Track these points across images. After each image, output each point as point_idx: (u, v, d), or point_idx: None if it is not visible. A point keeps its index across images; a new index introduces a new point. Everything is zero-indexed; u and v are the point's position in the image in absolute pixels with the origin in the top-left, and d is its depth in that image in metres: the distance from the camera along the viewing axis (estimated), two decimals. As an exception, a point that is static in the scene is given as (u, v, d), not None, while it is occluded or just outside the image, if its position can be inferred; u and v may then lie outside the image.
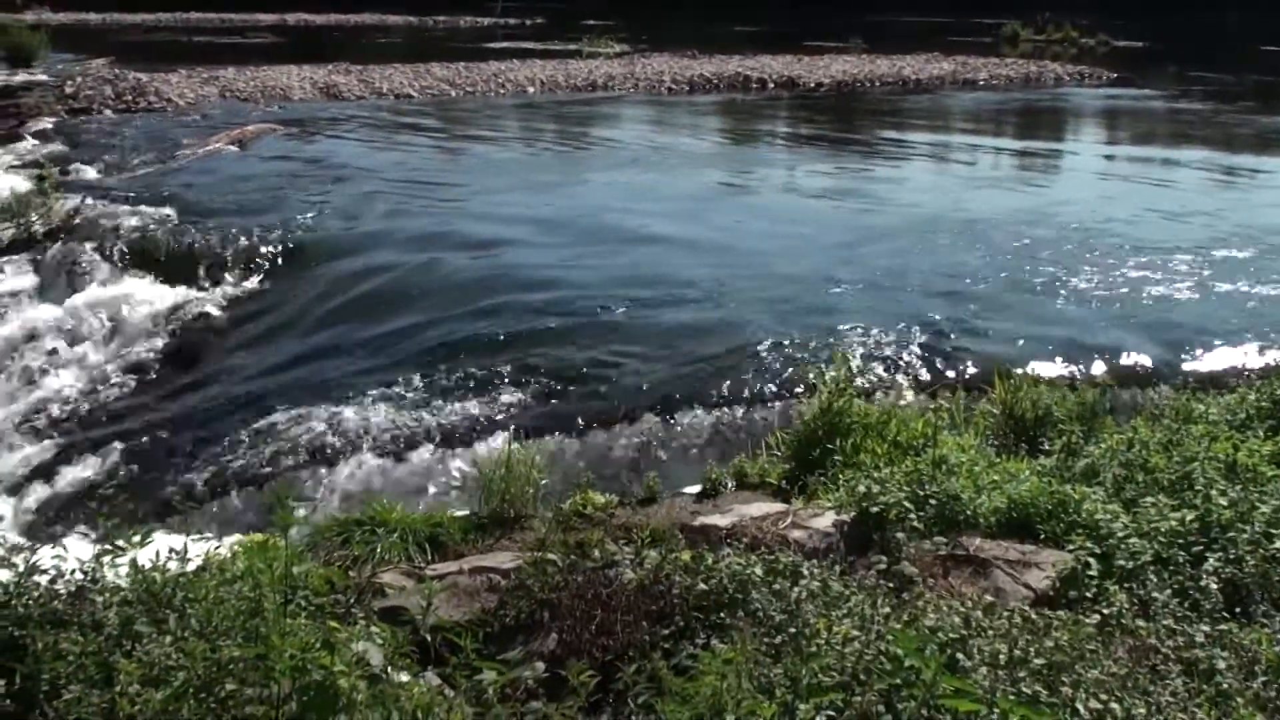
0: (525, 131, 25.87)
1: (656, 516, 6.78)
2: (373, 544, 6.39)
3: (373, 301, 11.99)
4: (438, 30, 60.99)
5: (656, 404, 9.34)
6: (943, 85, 36.49)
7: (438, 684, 4.07)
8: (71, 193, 15.94)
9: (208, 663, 3.64)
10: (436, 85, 31.20)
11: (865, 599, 4.49)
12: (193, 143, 20.63)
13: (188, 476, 8.81)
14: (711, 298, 11.90)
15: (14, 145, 20.53)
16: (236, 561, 5.11)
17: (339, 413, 9.27)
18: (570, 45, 45.79)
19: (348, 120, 24.99)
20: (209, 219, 14.70)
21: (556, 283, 12.32)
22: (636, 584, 4.86)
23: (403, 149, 21.79)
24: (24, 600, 4.33)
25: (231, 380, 10.85)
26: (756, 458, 8.10)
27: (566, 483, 7.86)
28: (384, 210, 15.70)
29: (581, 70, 35.26)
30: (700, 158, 21.93)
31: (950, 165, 22.42)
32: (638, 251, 13.81)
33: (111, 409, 10.68)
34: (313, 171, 18.49)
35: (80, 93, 27.35)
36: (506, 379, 9.75)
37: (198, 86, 28.79)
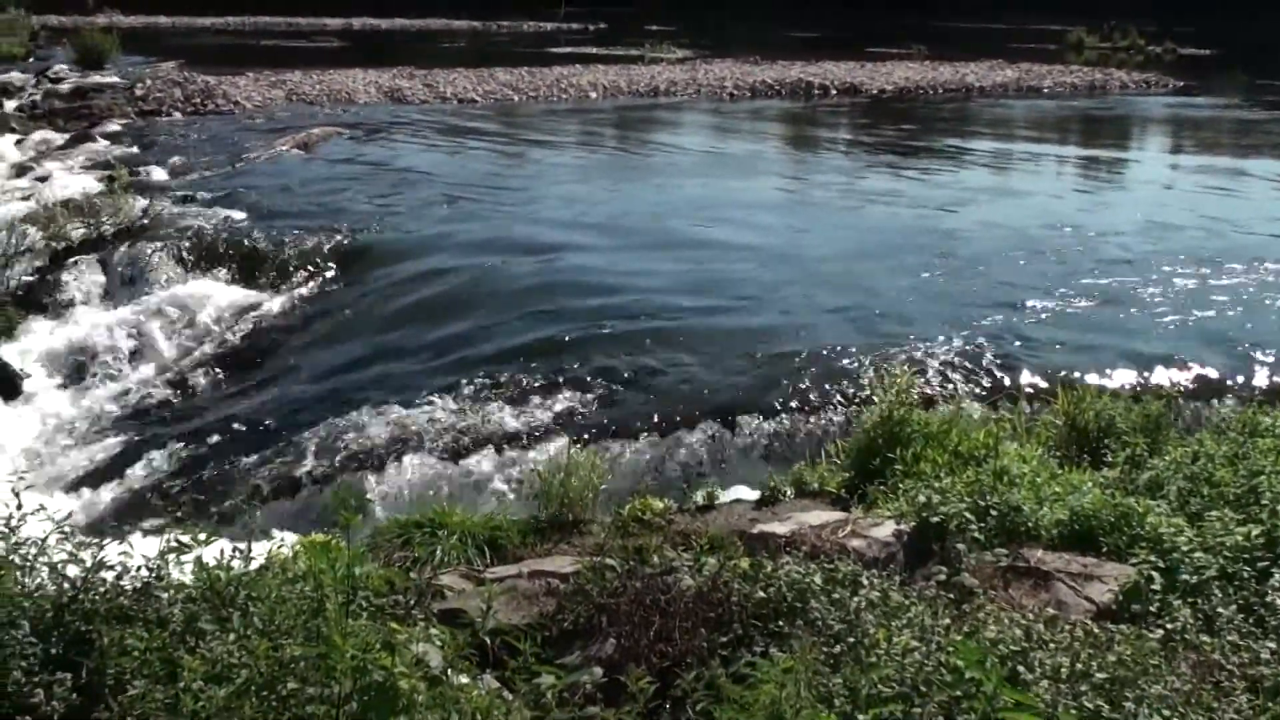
0: (587, 136, 25.94)
1: (715, 523, 6.77)
2: (432, 546, 6.42)
3: (434, 304, 12.06)
4: (501, 35, 61.29)
5: (716, 410, 9.32)
6: (1006, 92, 36.20)
7: (496, 687, 4.09)
8: (141, 194, 16.17)
9: (270, 661, 3.68)
10: (500, 90, 31.34)
11: (925, 610, 4.46)
12: (259, 145, 20.86)
13: (251, 476, 8.90)
14: (771, 304, 11.88)
15: (86, 146, 20.82)
16: (298, 561, 5.15)
17: (400, 414, 9.33)
18: (633, 50, 45.85)
19: (411, 124, 25.16)
20: (274, 221, 14.86)
21: (617, 288, 12.35)
22: (695, 591, 4.85)
23: (465, 153, 21.92)
24: (91, 596, 4.39)
25: (294, 381, 10.95)
26: (816, 466, 8.06)
27: (625, 488, 7.88)
28: (446, 214, 15.80)
29: (644, 75, 35.30)
30: (761, 164, 21.90)
31: (1012, 173, 22.23)
32: (698, 257, 13.81)
33: (177, 408, 10.81)
34: (376, 175, 18.65)
35: (150, 95, 27.72)
36: (566, 383, 9.77)
37: (265, 90, 29.10)
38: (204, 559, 4.53)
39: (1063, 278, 12.97)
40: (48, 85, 31.02)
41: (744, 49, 45.17)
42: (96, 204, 15.28)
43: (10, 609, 4.25)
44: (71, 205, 15.32)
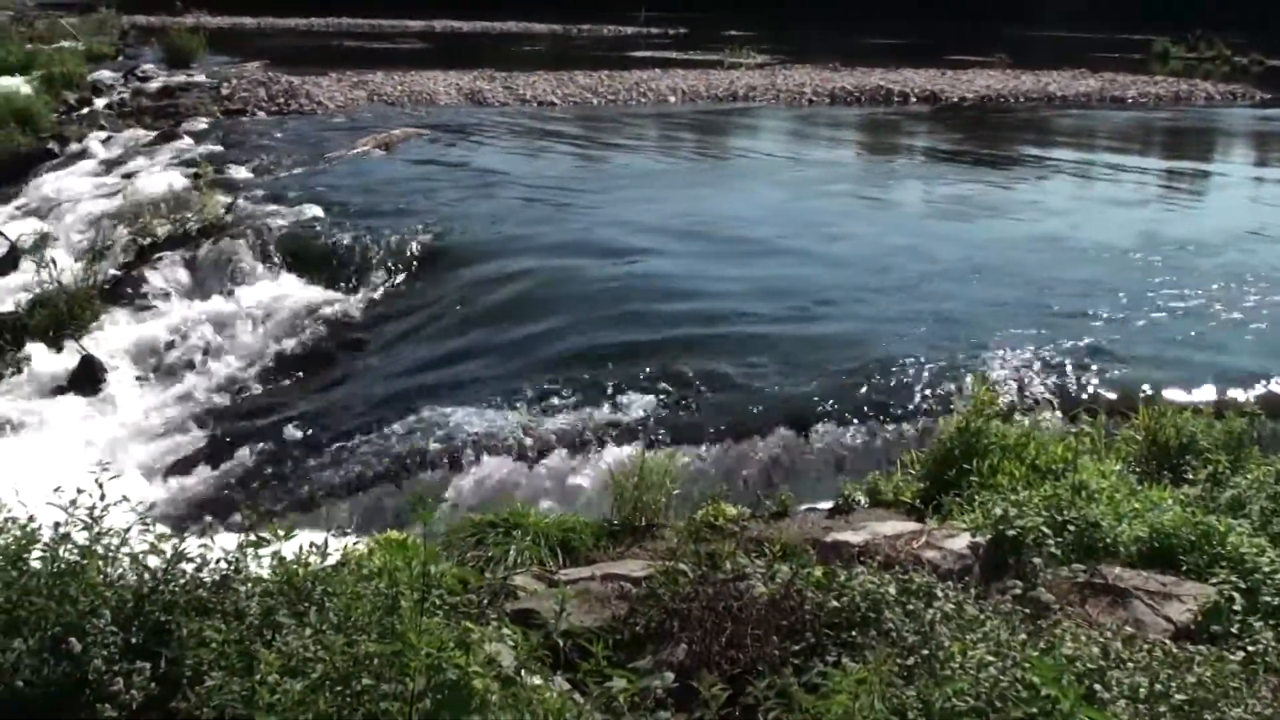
0: (665, 141, 25.96)
1: (788, 531, 6.75)
2: (506, 546, 6.46)
3: (511, 306, 12.12)
4: (581, 38, 61.49)
5: (790, 417, 9.29)
6: (1089, 102, 35.74)
7: (567, 688, 4.10)
8: (225, 191, 16.38)
9: (345, 657, 3.71)
10: (579, 93, 31.44)
11: (1001, 624, 4.41)
12: (341, 145, 21.07)
13: (327, 472, 9.00)
14: (848, 312, 11.83)
15: (172, 144, 21.12)
16: (373, 558, 5.20)
17: (475, 415, 9.38)
18: (712, 55, 45.81)
19: (491, 126, 25.31)
20: (355, 220, 15.00)
21: (692, 293, 12.35)
22: (767, 598, 4.84)
23: (544, 156, 22.02)
24: (171, 587, 4.45)
25: (372, 379, 11.06)
26: (890, 475, 8.00)
27: (698, 493, 7.86)
28: (524, 216, 15.88)
29: (723, 80, 35.26)
30: (838, 171, 21.81)
31: (1095, 184, 21.94)
32: (774, 263, 13.78)
33: (257, 403, 10.96)
34: (455, 176, 18.79)
35: (235, 94, 28.10)
36: (641, 387, 9.78)
37: (347, 90, 29.39)
38: (282, 554, 4.59)
39: (1144, 290, 12.79)
40: (136, 84, 31.53)
41: (824, 55, 44.99)
42: (182, 201, 15.51)
43: (93, 598, 4.33)
44: (158, 202, 15.55)
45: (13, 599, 4.32)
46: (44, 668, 4.09)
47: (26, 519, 4.64)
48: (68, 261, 13.94)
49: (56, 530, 4.58)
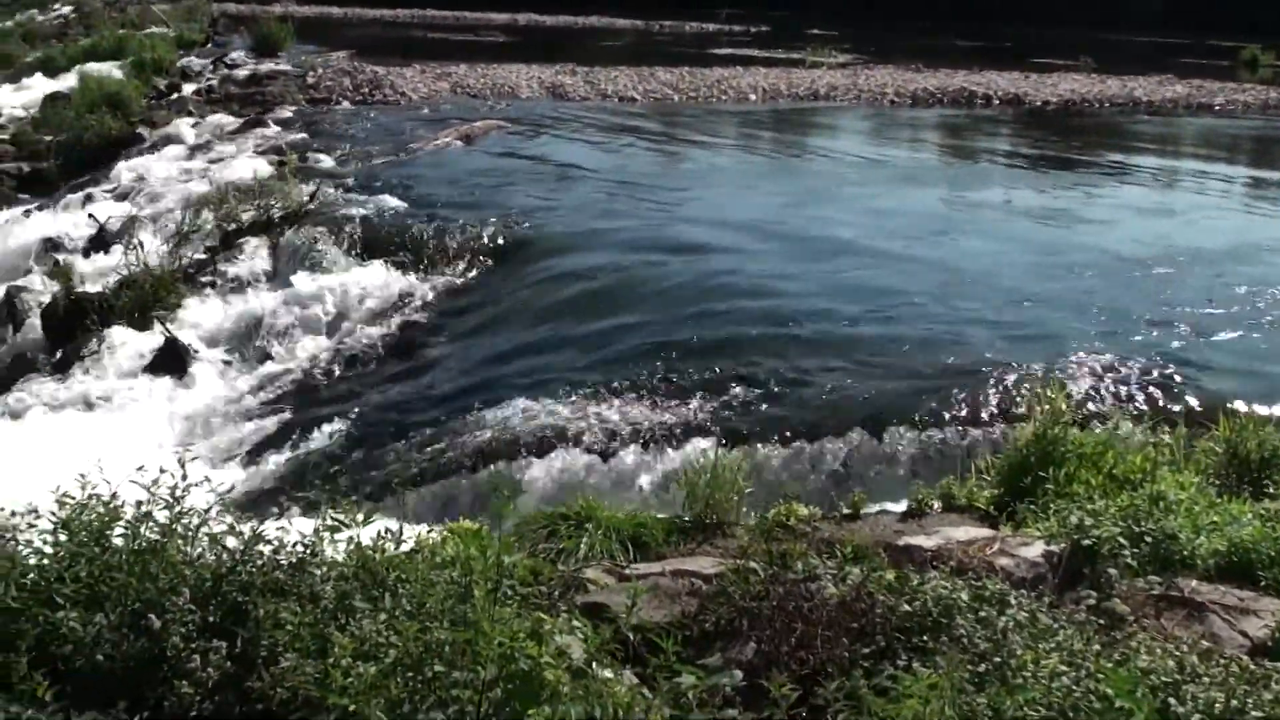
0: (744, 139, 25.90)
1: (860, 533, 6.72)
2: (577, 539, 6.48)
3: (587, 300, 12.16)
4: (663, 34, 61.43)
5: (864, 419, 9.24)
6: (1175, 108, 35.16)
7: (636, 683, 4.11)
8: (309, 179, 16.56)
9: (418, 643, 3.75)
10: (660, 89, 31.43)
11: (1075, 634, 4.37)
12: (423, 136, 21.22)
13: (402, 460, 9.09)
14: (924, 314, 11.74)
15: (258, 131, 21.41)
16: (446, 546, 5.25)
17: (548, 408, 9.43)
18: (794, 54, 45.62)
19: (572, 120, 25.38)
20: (435, 211, 15.13)
21: (769, 291, 12.31)
22: (838, 600, 4.82)
23: (623, 151, 22.04)
24: (248, 568, 4.50)
25: (447, 369, 11.15)
26: (964, 480, 7.94)
27: (770, 492, 7.85)
28: (602, 210, 15.92)
29: (804, 79, 35.10)
30: (918, 172, 21.64)
31: (1179, 192, 21.61)
32: (851, 264, 13.71)
33: (334, 389, 11.09)
34: (535, 169, 18.87)
35: (321, 83, 28.38)
36: (714, 385, 9.78)
37: (431, 82, 29.59)
38: (358, 539, 4.64)
39: (1227, 300, 12.58)
40: (224, 71, 31.96)
41: (907, 56, 44.64)
42: (266, 187, 15.70)
43: (172, 576, 4.39)
44: (243, 188, 15.77)
45: (95, 574, 4.39)
46: (124, 643, 4.16)
47: (110, 496, 4.72)
48: (154, 244, 14.20)
49: (138, 509, 4.65)
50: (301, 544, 4.65)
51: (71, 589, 4.32)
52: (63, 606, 4.22)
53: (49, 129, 24.42)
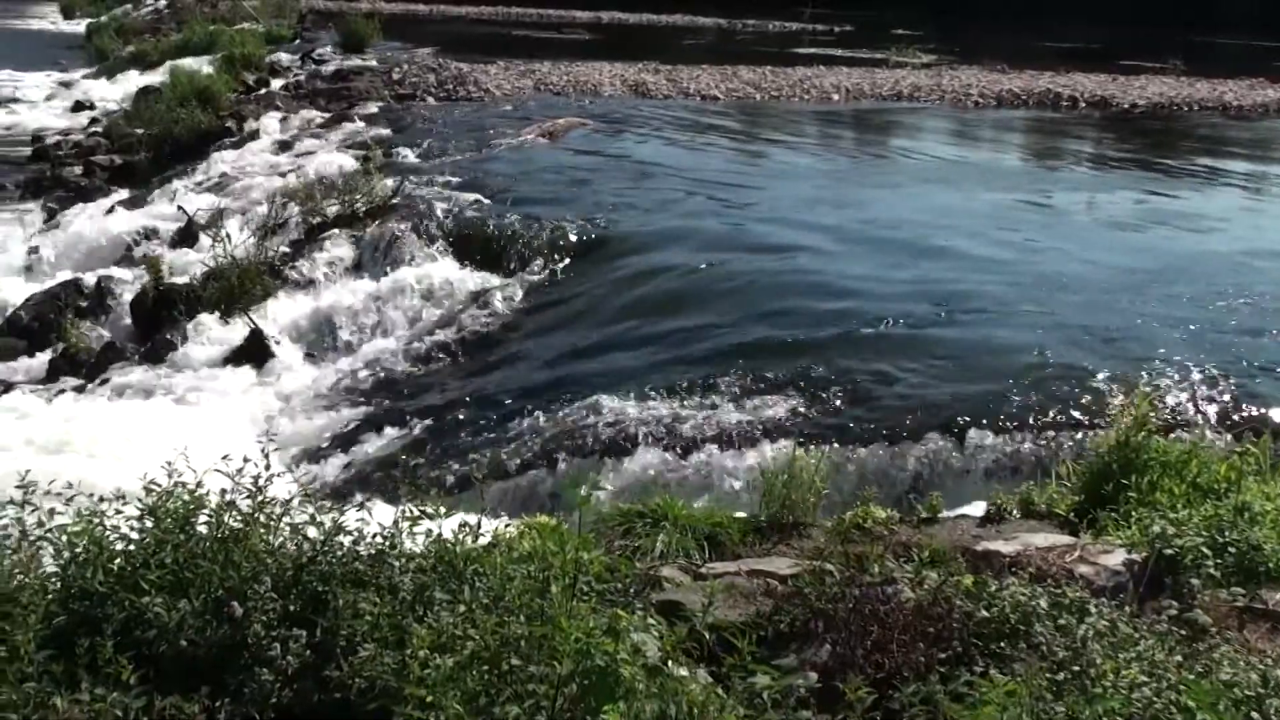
0: (826, 139, 25.78)
1: (937, 537, 6.66)
2: (653, 537, 6.49)
3: (665, 298, 12.18)
4: (746, 33, 61.26)
5: (943, 422, 9.16)
6: (1267, 113, 34.45)
7: (709, 682, 4.11)
8: (392, 174, 16.71)
9: (495, 636, 3.78)
10: (742, 88, 31.34)
11: (1156, 644, 4.31)
12: (506, 133, 21.33)
13: (480, 453, 9.16)
14: (1005, 318, 11.61)
15: (344, 126, 21.62)
16: (524, 541, 5.27)
17: (626, 405, 9.46)
18: (877, 54, 45.29)
19: (654, 118, 25.37)
20: (516, 207, 15.21)
21: (847, 292, 12.24)
22: (915, 604, 4.79)
23: (704, 150, 22.01)
24: (328, 558, 4.56)
25: (526, 364, 11.22)
26: (1044, 486, 7.84)
27: (846, 494, 7.82)
28: (682, 209, 15.92)
29: (887, 79, 34.83)
30: (1001, 174, 21.41)
31: (1269, 199, 21.17)
32: (931, 265, 13.59)
33: (415, 383, 11.21)
34: (617, 167, 18.91)
35: (406, 79, 28.60)
36: (792, 385, 9.75)
37: (514, 79, 29.72)
38: (436, 531, 4.68)
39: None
40: (312, 66, 32.31)
41: (992, 56, 44.14)
42: (351, 182, 15.89)
43: (255, 565, 4.46)
44: (328, 182, 15.97)
45: (180, 561, 4.48)
46: (207, 629, 4.24)
47: (195, 485, 4.80)
48: (241, 237, 14.41)
49: (222, 497, 4.73)
50: (381, 535, 4.70)
51: (157, 575, 4.40)
52: (148, 592, 4.31)
53: (141, 122, 24.87)
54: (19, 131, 28.95)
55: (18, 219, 19.32)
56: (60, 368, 12.72)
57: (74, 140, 26.26)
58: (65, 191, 21.53)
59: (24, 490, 4.68)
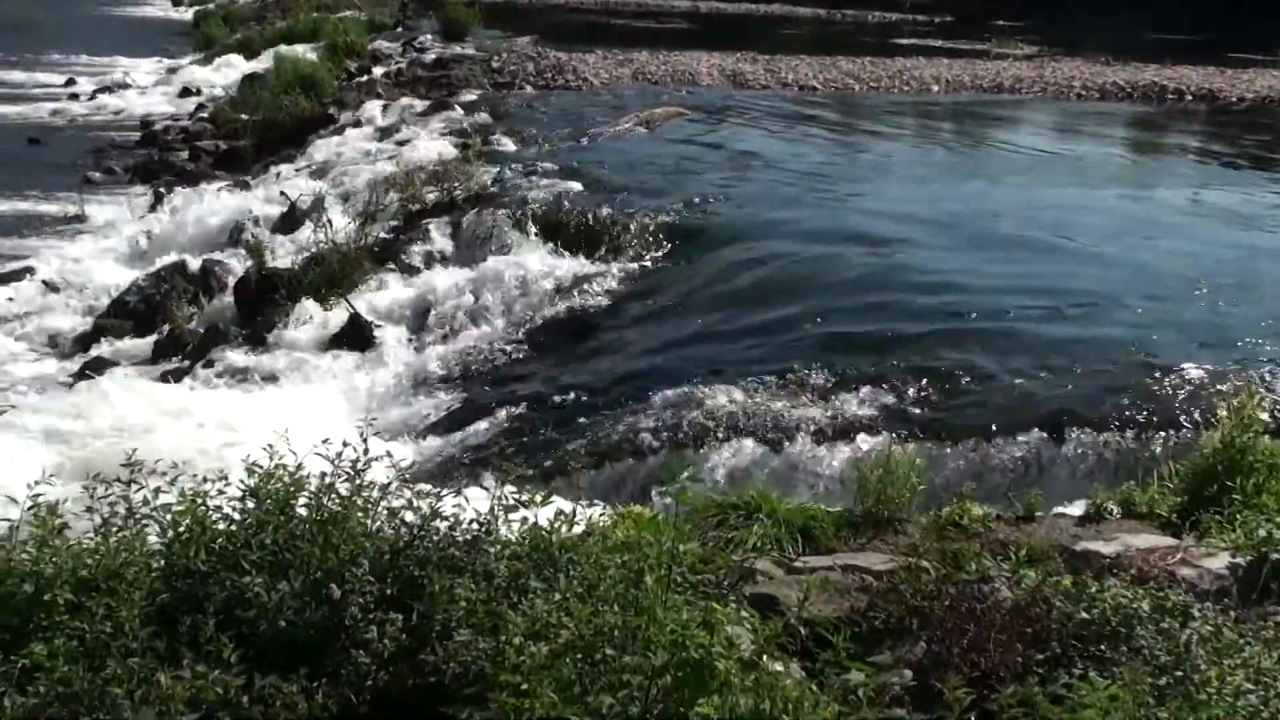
0: (925, 130, 25.49)
1: (1036, 535, 6.58)
2: (748, 529, 6.48)
3: (761, 289, 12.13)
4: (844, 23, 60.78)
5: (1042, 419, 9.03)
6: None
7: (802, 677, 4.09)
8: (491, 162, 16.80)
9: (589, 626, 3.79)
10: (841, 79, 31.08)
11: (1262, 650, 4.22)
12: (604, 122, 21.33)
13: (575, 442, 9.20)
14: (1107, 315, 11.40)
15: (443, 113, 21.76)
16: (618, 530, 5.29)
17: (721, 396, 9.44)
18: (978, 45, 44.68)
19: (751, 108, 25.25)
20: (613, 196, 15.21)
21: (946, 286, 12.11)
22: (1012, 603, 4.74)
23: (802, 140, 21.87)
24: (425, 543, 4.61)
25: (621, 353, 11.24)
26: (1146, 486, 7.70)
27: (943, 490, 7.74)
28: (779, 199, 15.84)
29: (988, 71, 34.34)
30: (1103, 168, 21.00)
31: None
32: (1031, 260, 13.39)
33: (510, 370, 11.27)
34: (714, 157, 18.84)
35: (505, 68, 28.72)
36: (888, 378, 9.66)
37: (612, 68, 29.72)
38: (531, 518, 4.70)
39: None
40: (413, 54, 32.57)
41: (1096, 48, 43.37)
42: (450, 170, 16.01)
43: (353, 548, 4.51)
44: (427, 169, 16.10)
45: (280, 542, 4.55)
46: (305, 610, 4.29)
47: (295, 467, 4.86)
48: (342, 222, 14.59)
49: (322, 480, 4.79)
50: (477, 521, 4.73)
51: (257, 555, 4.47)
52: (249, 572, 4.38)
53: (245, 108, 25.32)
54: (128, 117, 29.62)
55: (126, 202, 19.74)
56: (165, 349, 12.99)
57: (181, 126, 26.84)
58: (172, 176, 22.01)
59: (130, 469, 4.78)
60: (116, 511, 4.67)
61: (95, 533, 4.61)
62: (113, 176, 23.04)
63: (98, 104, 31.47)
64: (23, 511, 4.67)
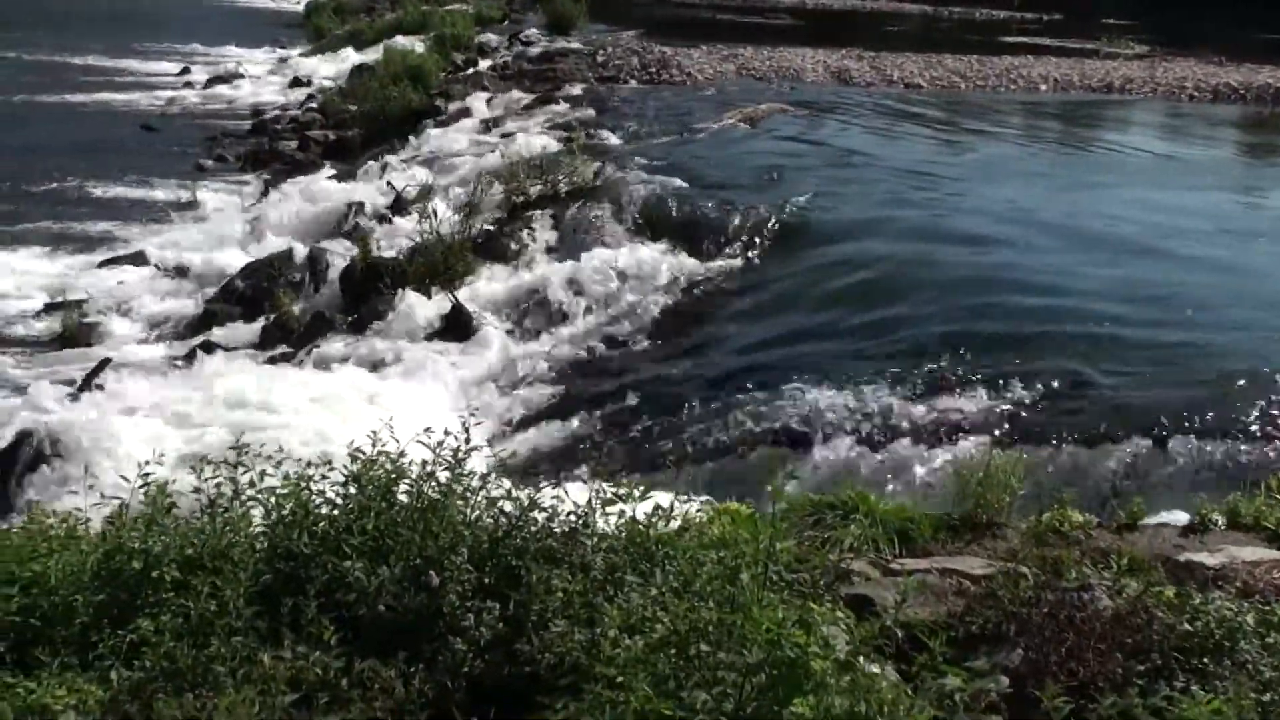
0: (1032, 130, 25.14)
1: (1137, 545, 6.48)
2: (844, 529, 6.45)
3: (863, 289, 12.05)
4: (951, 20, 60.14)
5: (1145, 426, 8.87)
6: None
7: (897, 680, 4.07)
8: (594, 156, 16.84)
9: (685, 621, 3.80)
10: (946, 76, 30.76)
11: (1370, 670, 4.13)
12: (707, 117, 21.31)
13: (672, 437, 9.22)
14: (1215, 322, 11.17)
15: (548, 107, 21.91)
16: (714, 526, 5.29)
17: (820, 395, 9.41)
18: (1087, 44, 43.96)
19: (855, 105, 25.08)
20: (715, 192, 15.21)
21: (1049, 288, 11.94)
22: (1113, 613, 4.67)
23: (906, 139, 21.69)
24: (523, 534, 4.65)
25: (719, 349, 11.24)
26: (1253, 498, 7.55)
27: (1042, 495, 7.63)
28: (881, 198, 15.72)
29: (1097, 70, 33.78)
30: (1215, 172, 20.57)
31: None
32: (1137, 264, 13.13)
33: (610, 364, 11.33)
34: (817, 154, 18.75)
35: (609, 62, 28.83)
36: (990, 381, 9.56)
37: (716, 63, 29.70)
38: (627, 512, 4.72)
39: None
40: (519, 48, 32.83)
41: (1208, 48, 42.45)
42: (553, 163, 16.10)
43: (452, 536, 4.56)
44: (531, 162, 16.21)
45: (381, 528, 4.61)
46: (405, 595, 4.35)
47: (397, 454, 4.93)
48: (446, 214, 14.72)
49: (423, 468, 4.85)
50: (574, 513, 4.76)
51: (359, 540, 4.54)
52: (350, 556, 4.45)
53: (354, 99, 25.69)
54: (240, 106, 30.22)
55: (237, 190, 20.12)
56: (272, 335, 13.23)
57: (291, 115, 27.31)
58: (281, 164, 22.43)
59: (237, 451, 4.88)
60: (223, 493, 4.77)
61: (202, 513, 4.71)
62: (224, 164, 23.50)
63: (211, 93, 32.14)
64: (133, 490, 4.79)
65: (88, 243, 17.37)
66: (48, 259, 16.38)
